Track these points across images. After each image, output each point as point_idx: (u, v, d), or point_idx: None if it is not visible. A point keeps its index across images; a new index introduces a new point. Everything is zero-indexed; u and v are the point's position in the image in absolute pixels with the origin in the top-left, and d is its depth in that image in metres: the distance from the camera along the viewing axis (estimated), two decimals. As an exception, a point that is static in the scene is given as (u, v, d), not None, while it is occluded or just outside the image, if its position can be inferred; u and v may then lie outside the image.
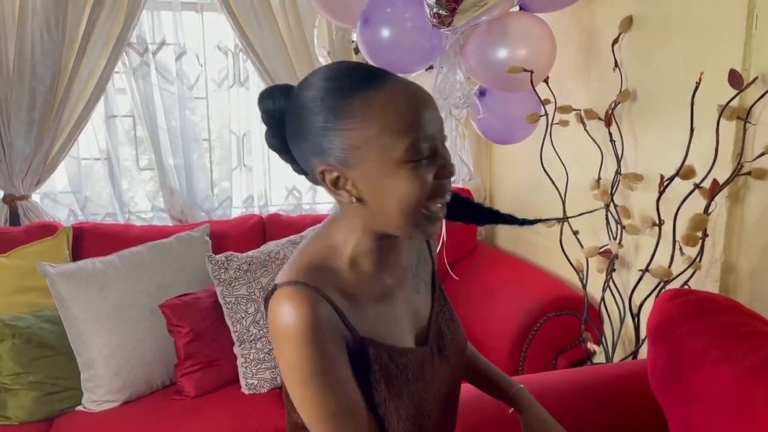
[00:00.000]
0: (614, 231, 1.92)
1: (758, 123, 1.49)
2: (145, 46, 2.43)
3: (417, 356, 0.92)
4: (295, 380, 0.80)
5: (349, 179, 0.81)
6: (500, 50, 1.89)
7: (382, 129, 0.78)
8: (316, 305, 0.79)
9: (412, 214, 0.81)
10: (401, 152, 0.78)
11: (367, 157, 0.79)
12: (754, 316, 1.27)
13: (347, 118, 0.78)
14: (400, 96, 0.79)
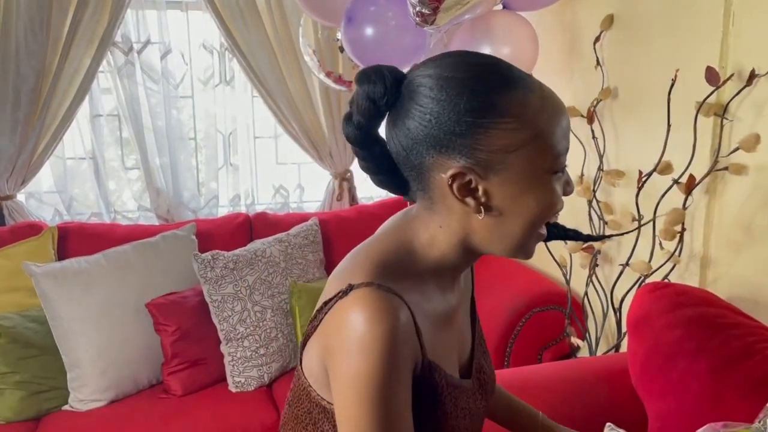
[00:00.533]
0: (597, 227, 1.94)
1: (735, 119, 1.52)
2: (129, 45, 2.43)
3: (466, 391, 0.85)
4: (356, 396, 0.69)
5: (483, 185, 0.72)
6: (484, 48, 1.91)
7: (537, 133, 0.70)
8: (399, 314, 0.70)
9: (535, 229, 0.75)
10: (550, 161, 0.72)
11: (516, 163, 0.71)
12: (729, 308, 1.30)
13: (505, 116, 0.70)
14: (550, 100, 0.73)
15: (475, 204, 0.73)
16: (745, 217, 1.53)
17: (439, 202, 0.75)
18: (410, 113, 0.72)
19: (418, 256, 0.78)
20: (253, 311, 2.04)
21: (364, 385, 0.69)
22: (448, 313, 0.84)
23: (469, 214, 0.74)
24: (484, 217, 0.73)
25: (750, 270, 1.53)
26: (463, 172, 0.71)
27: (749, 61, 1.46)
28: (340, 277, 0.77)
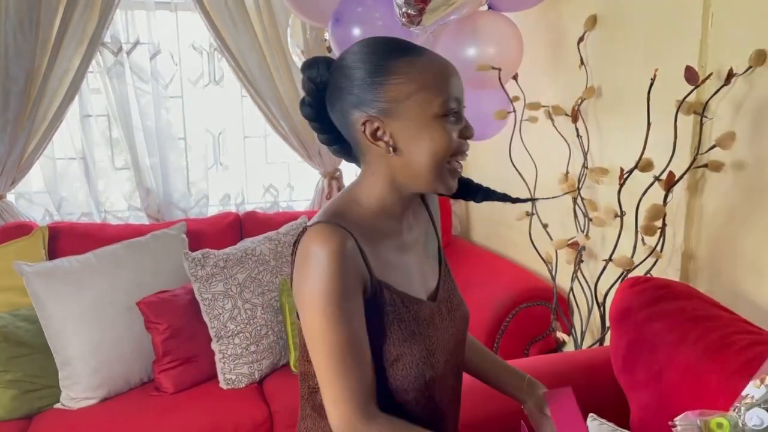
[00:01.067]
0: (582, 223, 1.98)
1: (714, 117, 1.56)
2: (119, 46, 2.44)
3: (427, 308, 0.99)
4: (314, 309, 0.87)
5: (388, 130, 0.91)
6: (469, 48, 1.94)
7: (423, 86, 0.89)
8: (344, 240, 0.87)
9: (439, 166, 0.92)
10: (437, 107, 0.89)
11: (407, 110, 0.90)
12: (708, 301, 1.34)
13: (393, 74, 0.89)
14: (436, 61, 0.92)
15: (385, 146, 0.92)
16: (725, 213, 1.57)
17: (367, 154, 0.95)
18: (336, 86, 0.93)
19: (363, 201, 0.97)
20: (244, 309, 2.06)
21: (320, 297, 0.86)
22: (402, 245, 0.99)
23: (387, 157, 0.93)
24: (396, 157, 0.92)
25: (730, 264, 1.57)
26: (371, 120, 0.91)
27: (727, 61, 1.50)
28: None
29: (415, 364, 0.94)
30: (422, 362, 0.95)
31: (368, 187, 0.97)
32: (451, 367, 1.03)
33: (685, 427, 1.02)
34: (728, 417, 1.02)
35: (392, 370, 0.93)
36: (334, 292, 0.86)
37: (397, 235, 0.99)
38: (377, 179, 0.96)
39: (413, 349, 0.94)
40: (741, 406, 1.02)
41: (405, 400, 0.96)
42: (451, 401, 1.07)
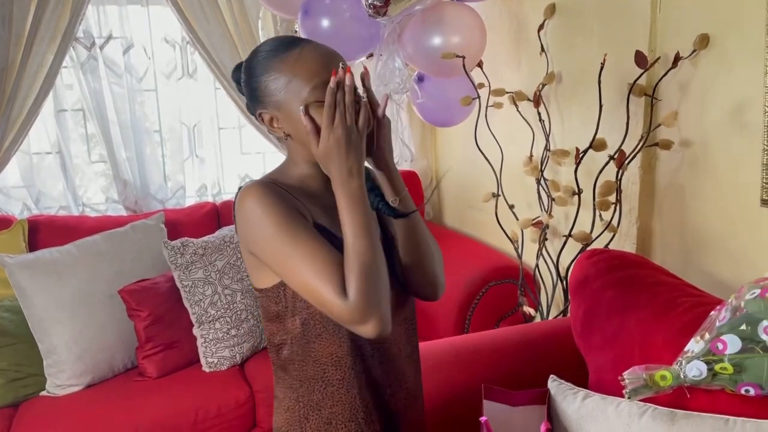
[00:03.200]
0: (545, 203, 2.07)
1: (663, 99, 1.66)
2: (92, 41, 2.47)
3: None
4: (269, 239, 0.97)
5: (278, 119, 1.04)
6: (435, 38, 2.02)
7: (293, 77, 1.00)
8: (273, 186, 1.01)
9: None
10: (307, 94, 0.99)
11: (286, 101, 1.02)
12: (657, 269, 1.44)
13: (270, 72, 1.02)
14: (308, 53, 1.02)
15: (281, 133, 1.06)
16: (675, 188, 1.68)
17: (279, 139, 1.09)
18: (243, 85, 1.08)
19: (291, 171, 1.09)
20: (224, 294, 2.13)
21: (268, 225, 0.97)
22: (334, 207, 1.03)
23: (291, 142, 1.07)
24: (293, 142, 1.06)
25: (680, 236, 1.67)
26: (265, 113, 1.05)
27: (674, 45, 1.60)
28: None
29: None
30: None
31: (289, 166, 1.10)
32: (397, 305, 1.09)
33: (632, 380, 1.12)
34: (671, 370, 1.12)
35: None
36: (278, 213, 0.97)
37: (327, 199, 1.06)
38: (292, 159, 1.10)
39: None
40: (683, 360, 1.13)
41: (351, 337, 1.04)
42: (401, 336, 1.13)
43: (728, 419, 1.02)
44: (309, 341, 1.05)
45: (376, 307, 0.95)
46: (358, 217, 0.97)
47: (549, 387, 1.30)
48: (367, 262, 0.96)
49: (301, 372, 1.07)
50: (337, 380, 1.06)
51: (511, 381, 1.41)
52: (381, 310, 0.96)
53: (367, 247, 0.96)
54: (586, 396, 1.22)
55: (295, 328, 1.05)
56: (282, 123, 1.05)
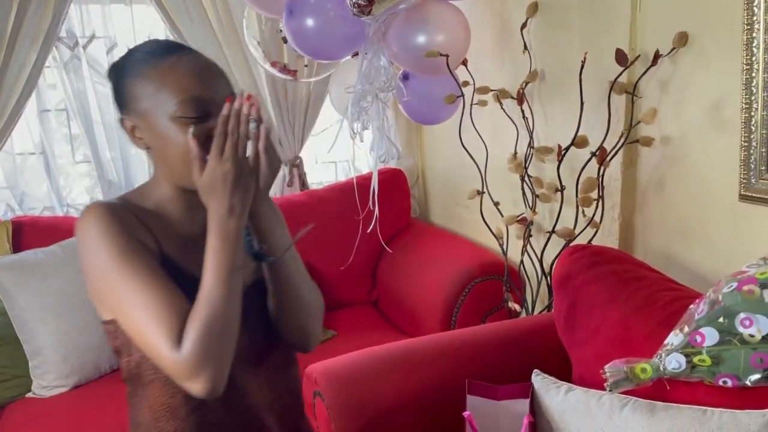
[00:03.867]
0: (530, 200, 2.09)
1: (643, 96, 1.68)
2: (74, 40, 2.46)
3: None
4: (101, 270, 0.90)
5: (139, 128, 0.96)
6: (419, 36, 2.03)
7: (161, 87, 0.93)
8: (117, 209, 0.93)
9: (189, 165, 0.91)
10: (173, 108, 0.92)
11: (148, 110, 0.94)
12: (638, 264, 1.46)
13: (139, 77, 0.94)
14: (185, 64, 0.94)
15: (140, 142, 0.98)
16: (655, 184, 1.71)
17: (145, 152, 1.00)
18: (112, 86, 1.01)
19: (151, 190, 1.01)
20: (210, 294, 2.12)
21: (102, 254, 0.89)
22: (194, 241, 0.97)
23: (152, 155, 0.98)
24: (155, 154, 0.98)
25: (661, 231, 1.70)
26: (127, 120, 0.98)
27: (654, 43, 1.62)
28: None
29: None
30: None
31: (151, 185, 1.02)
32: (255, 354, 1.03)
33: (613, 373, 1.14)
34: (651, 363, 1.15)
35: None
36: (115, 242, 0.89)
37: (188, 230, 1.00)
38: (155, 174, 1.02)
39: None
40: (662, 352, 1.15)
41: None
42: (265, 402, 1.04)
43: (706, 410, 1.04)
44: (143, 385, 0.97)
45: (210, 365, 0.86)
46: (224, 264, 0.87)
47: (533, 381, 1.32)
48: (217, 314, 0.86)
49: (136, 416, 1.00)
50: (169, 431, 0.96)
51: (495, 376, 1.43)
52: (215, 369, 0.87)
53: (224, 297, 0.87)
54: (569, 390, 1.24)
55: (130, 368, 0.97)
56: (143, 134, 0.96)
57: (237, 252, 0.89)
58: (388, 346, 1.57)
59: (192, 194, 0.95)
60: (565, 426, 1.20)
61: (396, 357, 1.50)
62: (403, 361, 1.49)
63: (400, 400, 1.43)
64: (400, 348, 1.56)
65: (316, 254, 2.53)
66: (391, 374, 1.45)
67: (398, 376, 1.45)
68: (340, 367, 1.48)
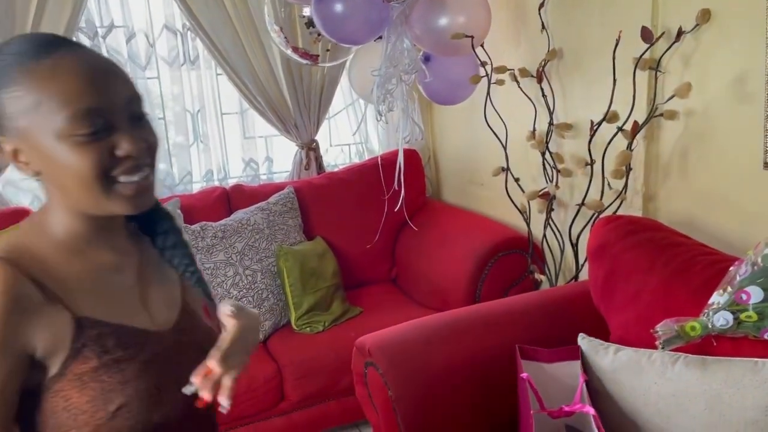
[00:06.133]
0: (550, 175, 2.17)
1: (666, 72, 1.76)
2: (94, 30, 2.48)
3: (156, 339, 0.86)
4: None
5: (22, 152, 0.78)
6: (441, 18, 2.08)
7: (41, 100, 0.74)
8: (11, 279, 0.75)
9: (93, 189, 0.77)
10: (61, 123, 0.74)
11: (30, 129, 0.75)
12: (671, 231, 1.55)
13: (11, 86, 0.75)
14: (67, 66, 0.76)
15: (26, 168, 0.79)
16: (678, 156, 1.79)
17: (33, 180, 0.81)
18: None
19: (48, 229, 0.83)
20: (245, 275, 2.19)
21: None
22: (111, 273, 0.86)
23: (43, 183, 0.81)
24: (45, 182, 0.80)
25: (684, 201, 1.79)
26: (4, 143, 0.78)
27: (676, 20, 1.69)
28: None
29: (138, 410, 0.80)
30: (149, 404, 0.81)
31: (48, 212, 0.83)
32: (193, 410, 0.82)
33: (665, 331, 1.23)
34: (699, 321, 1.23)
35: (112, 424, 0.79)
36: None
37: (103, 260, 0.86)
38: (51, 203, 0.82)
39: (137, 390, 0.80)
40: (709, 311, 1.24)
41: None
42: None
43: (757, 361, 1.13)
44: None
45: None
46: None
47: (579, 344, 1.40)
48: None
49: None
50: None
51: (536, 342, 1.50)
52: None
53: None
54: (618, 350, 1.33)
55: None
56: (28, 157, 0.77)
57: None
58: (434, 318, 1.65)
59: (102, 219, 0.83)
60: (617, 383, 1.29)
61: (443, 327, 1.58)
62: (451, 331, 1.57)
63: (451, 367, 1.50)
64: (445, 319, 1.63)
65: (337, 234, 2.61)
66: (441, 344, 1.53)
67: (448, 345, 1.53)
68: (391, 338, 1.56)
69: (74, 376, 0.77)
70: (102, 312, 0.82)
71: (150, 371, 0.82)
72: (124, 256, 0.89)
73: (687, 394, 1.18)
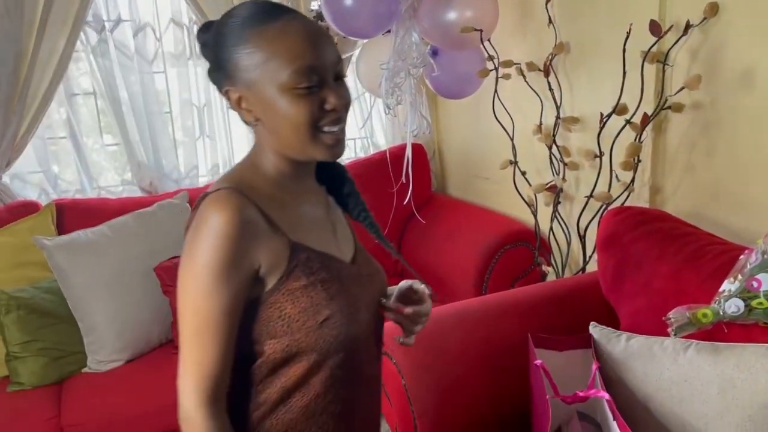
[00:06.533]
0: (557, 168, 2.19)
1: (674, 65, 1.78)
2: (102, 24, 2.49)
3: (347, 268, 0.99)
4: (193, 275, 0.85)
5: (246, 99, 0.91)
6: (449, 12, 2.10)
7: (270, 56, 0.87)
8: (244, 207, 0.86)
9: (303, 135, 0.89)
10: (285, 77, 0.87)
11: (258, 80, 0.88)
12: (680, 222, 1.57)
13: (246, 44, 0.88)
14: (292, 29, 0.88)
15: (247, 114, 0.92)
16: (685, 148, 1.81)
17: (250, 124, 0.94)
18: (212, 51, 0.93)
19: (260, 168, 0.95)
20: (253, 268, 2.20)
21: (202, 265, 0.84)
22: (311, 208, 1.00)
23: (260, 128, 0.93)
24: (263, 127, 0.92)
25: (691, 192, 1.81)
26: (233, 90, 0.92)
27: (683, 14, 1.71)
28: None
29: (341, 322, 0.93)
30: (348, 318, 0.94)
31: (260, 155, 0.96)
32: (373, 330, 1.03)
33: (677, 318, 1.25)
34: (711, 308, 1.25)
35: (321, 332, 0.92)
36: (215, 264, 0.84)
37: (304, 198, 0.99)
38: (263, 147, 0.95)
39: (340, 306, 0.93)
40: (720, 299, 1.26)
41: (332, 366, 0.94)
42: (371, 369, 1.06)
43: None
44: (282, 366, 0.94)
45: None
46: None
47: (591, 332, 1.42)
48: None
49: (260, 395, 0.95)
50: (299, 407, 0.95)
51: (543, 331, 1.52)
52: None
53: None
54: (629, 337, 1.35)
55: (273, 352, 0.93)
56: (252, 105, 0.91)
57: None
58: (446, 307, 1.67)
59: (301, 165, 0.96)
60: (629, 370, 1.31)
61: (457, 317, 1.60)
62: (463, 320, 1.59)
63: (464, 355, 1.53)
64: (457, 308, 1.65)
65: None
66: (455, 332, 1.55)
67: (462, 333, 1.55)
68: (403, 328, 1.57)
69: (288, 291, 0.91)
70: (308, 239, 0.94)
71: (347, 292, 0.96)
72: (317, 196, 1.03)
73: (699, 380, 1.20)
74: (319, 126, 0.90)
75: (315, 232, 0.97)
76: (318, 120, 0.90)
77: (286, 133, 0.90)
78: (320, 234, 0.98)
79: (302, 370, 0.93)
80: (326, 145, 0.92)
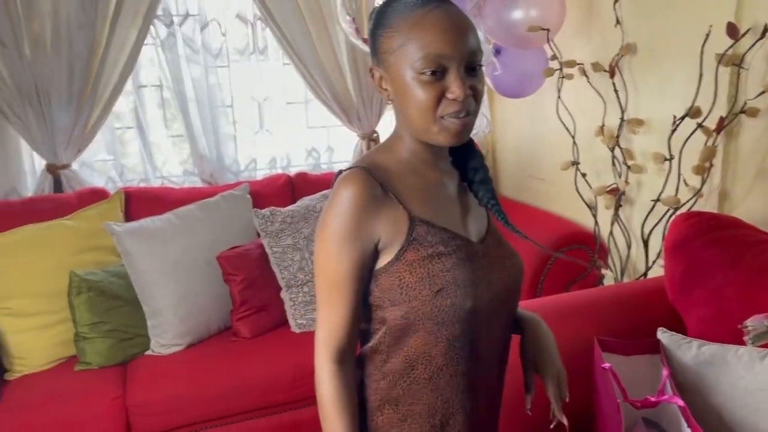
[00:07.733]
0: (619, 171, 2.16)
1: (750, 68, 1.73)
2: (170, 18, 2.56)
3: (470, 246, 1.02)
4: (321, 240, 0.97)
5: (385, 80, 0.99)
6: (515, 11, 2.09)
7: (407, 41, 0.93)
8: (368, 184, 0.95)
9: (426, 120, 0.95)
10: (414, 63, 0.93)
11: (394, 63, 0.95)
12: (754, 229, 1.53)
13: (388, 27, 0.96)
14: (432, 16, 0.93)
15: (385, 93, 1.00)
16: (758, 155, 1.76)
17: (390, 104, 1.02)
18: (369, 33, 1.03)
19: (395, 149, 1.04)
20: (311, 260, 2.23)
21: (330, 229, 0.94)
22: (439, 189, 1.04)
23: (396, 108, 1.01)
24: (395, 105, 1.00)
25: (762, 199, 1.76)
26: (375, 69, 1.01)
27: (761, 17, 1.67)
28: None
29: (456, 293, 0.97)
30: (464, 292, 0.97)
31: (395, 137, 1.04)
32: (496, 312, 1.03)
33: (755, 327, 1.22)
34: (790, 317, 1.22)
35: (436, 302, 0.96)
36: (340, 231, 0.93)
37: (433, 178, 1.04)
38: (400, 130, 1.03)
39: (455, 278, 0.97)
40: (800, 308, 1.22)
41: (449, 338, 0.98)
42: (494, 351, 1.08)
43: None
44: (404, 335, 1.00)
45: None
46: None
47: (660, 338, 1.40)
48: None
49: (386, 364, 1.01)
50: (424, 379, 1.01)
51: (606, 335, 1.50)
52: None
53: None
54: (702, 345, 1.32)
55: (394, 318, 0.99)
56: (388, 86, 0.98)
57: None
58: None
59: (432, 148, 1.01)
60: (701, 378, 1.29)
61: (518, 318, 1.59)
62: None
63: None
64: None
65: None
66: (515, 333, 1.54)
67: (523, 334, 1.54)
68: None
69: (407, 262, 0.97)
70: (429, 215, 1.00)
71: (465, 267, 0.99)
72: (448, 178, 1.07)
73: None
74: (440, 113, 0.95)
75: (439, 210, 1.02)
76: (438, 106, 0.94)
77: (412, 115, 0.97)
78: (445, 212, 1.03)
79: (422, 339, 0.98)
80: (448, 130, 0.96)
